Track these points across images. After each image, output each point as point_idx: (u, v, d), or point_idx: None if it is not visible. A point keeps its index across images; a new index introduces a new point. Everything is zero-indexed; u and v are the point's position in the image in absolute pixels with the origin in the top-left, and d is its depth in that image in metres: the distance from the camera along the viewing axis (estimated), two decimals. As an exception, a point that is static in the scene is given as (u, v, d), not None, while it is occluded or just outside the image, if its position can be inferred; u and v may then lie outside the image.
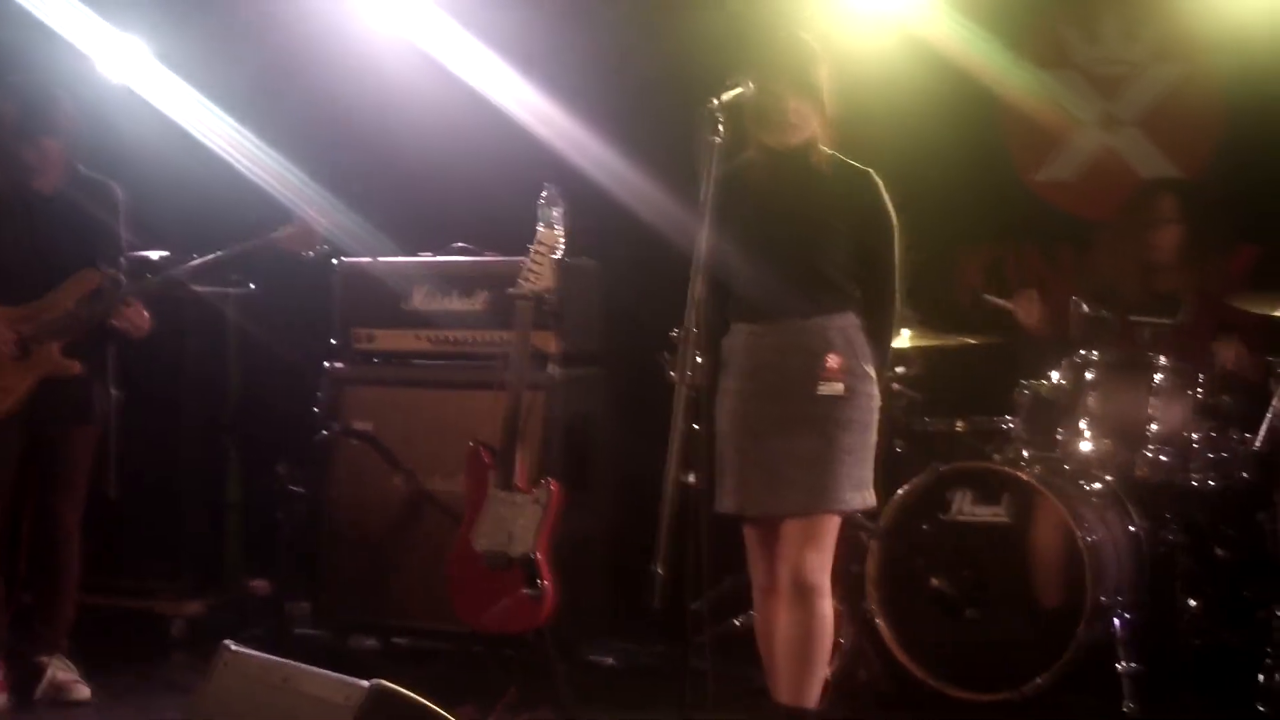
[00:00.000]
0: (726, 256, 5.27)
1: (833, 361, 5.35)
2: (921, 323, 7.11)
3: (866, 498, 5.48)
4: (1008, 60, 7.94)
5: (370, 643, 7.38)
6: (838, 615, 6.59)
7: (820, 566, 5.41)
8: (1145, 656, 6.47)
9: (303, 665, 4.63)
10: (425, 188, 8.09)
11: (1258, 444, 6.67)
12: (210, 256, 6.73)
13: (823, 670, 5.47)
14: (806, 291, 5.39)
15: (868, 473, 5.47)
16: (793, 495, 5.37)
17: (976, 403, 7.27)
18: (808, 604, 5.39)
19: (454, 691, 6.02)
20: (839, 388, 5.35)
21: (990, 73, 7.91)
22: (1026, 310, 7.22)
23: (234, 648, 4.72)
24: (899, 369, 7.05)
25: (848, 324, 5.43)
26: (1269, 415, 6.61)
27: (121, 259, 6.69)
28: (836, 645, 6.54)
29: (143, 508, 7.54)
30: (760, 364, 5.42)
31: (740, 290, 5.43)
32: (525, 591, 6.26)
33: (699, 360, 4.87)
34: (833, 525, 5.44)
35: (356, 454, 7.25)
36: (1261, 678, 6.33)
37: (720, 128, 5.11)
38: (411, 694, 4.31)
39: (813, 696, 5.44)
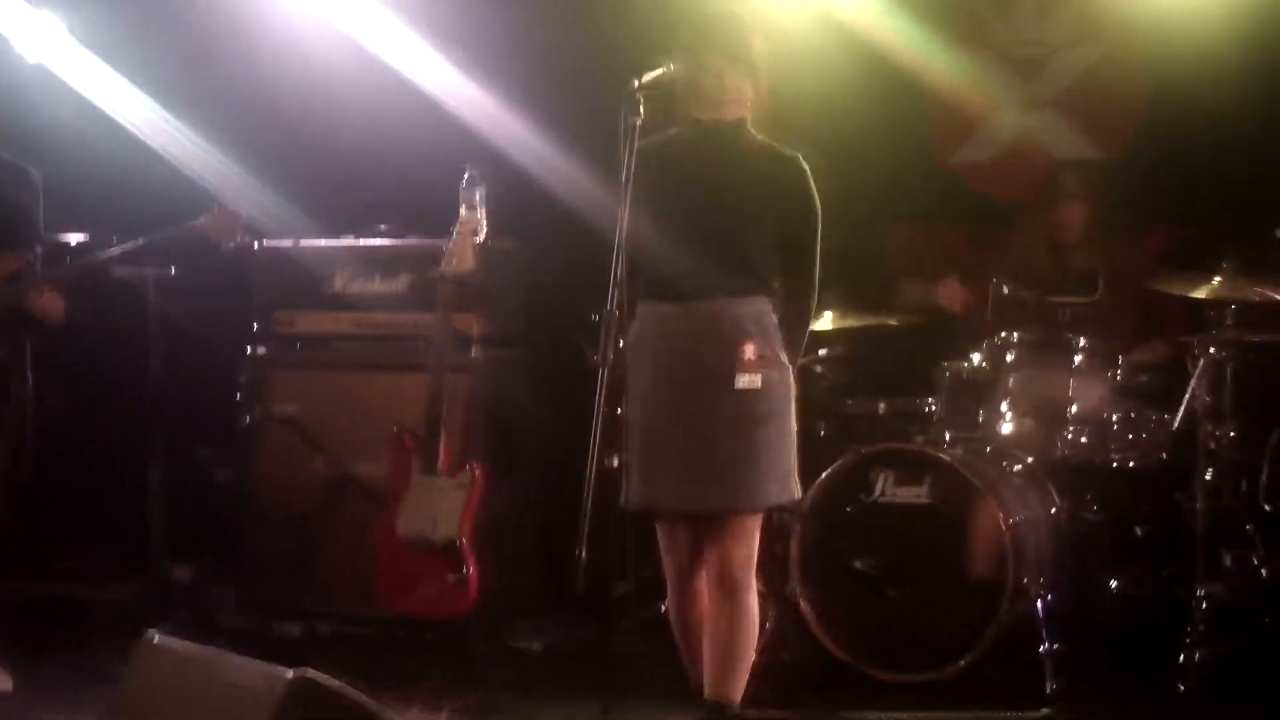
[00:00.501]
0: (643, 232, 5.12)
1: (749, 352, 5.21)
2: (843, 304, 7.14)
3: (791, 489, 5.41)
4: (927, 41, 7.95)
5: (294, 628, 7.34)
6: (761, 598, 6.65)
7: (746, 562, 5.34)
8: (1067, 635, 6.52)
9: (225, 653, 4.60)
10: (347, 170, 8.03)
11: (1176, 423, 6.75)
12: (129, 244, 6.67)
13: (749, 664, 5.41)
14: (724, 272, 5.26)
15: (790, 463, 5.39)
16: (716, 493, 5.26)
17: (899, 384, 7.31)
18: (735, 599, 5.33)
19: (379, 677, 6.04)
20: (757, 380, 5.23)
21: (909, 54, 7.93)
22: (949, 298, 7.26)
23: (156, 636, 4.69)
24: (821, 351, 7.08)
25: (762, 309, 5.30)
26: (1187, 395, 6.69)
27: (38, 244, 6.62)
28: (761, 628, 6.58)
29: (65, 493, 7.49)
30: (675, 350, 5.26)
31: (655, 267, 5.22)
32: (450, 576, 6.26)
33: (621, 343, 4.85)
34: (757, 520, 5.38)
35: (279, 438, 7.22)
36: (1182, 656, 6.39)
37: (641, 109, 5.10)
38: (335, 681, 4.29)
39: (739, 691, 5.37)
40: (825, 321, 7.08)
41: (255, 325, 7.40)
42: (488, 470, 6.41)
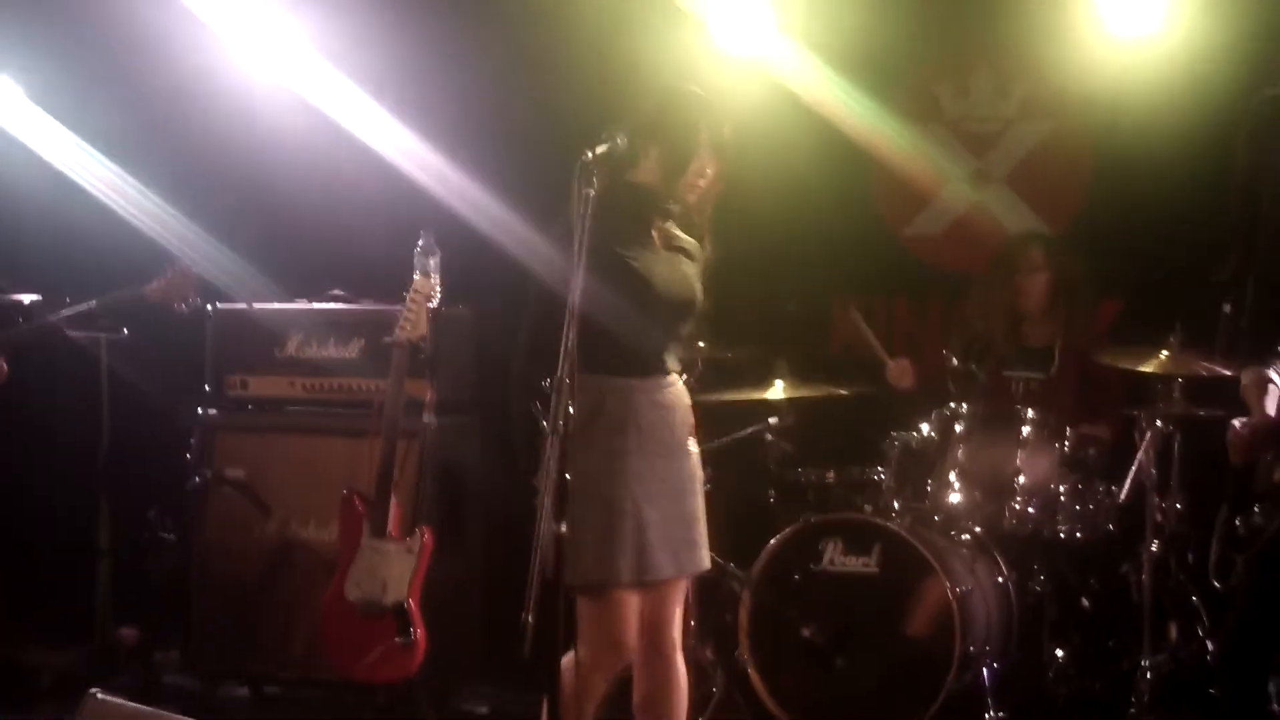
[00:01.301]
0: (606, 307, 5.09)
1: (691, 418, 5.34)
2: (793, 374, 7.17)
3: None
4: (880, 116, 8.03)
5: (241, 691, 7.31)
6: (710, 666, 6.68)
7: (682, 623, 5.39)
8: (1013, 705, 6.55)
9: (168, 714, 4.59)
10: (301, 234, 8.05)
11: (1122, 496, 6.80)
12: (82, 305, 6.68)
13: None
14: (675, 351, 5.36)
15: None
16: (690, 555, 5.26)
17: (848, 454, 7.34)
18: (678, 661, 5.35)
19: None
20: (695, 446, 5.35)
21: (861, 127, 8.00)
22: (899, 377, 7.31)
23: (99, 695, 4.68)
24: (771, 420, 7.12)
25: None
26: (1134, 468, 6.75)
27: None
28: (709, 695, 6.60)
29: (11, 555, 7.44)
30: (651, 421, 5.23)
31: (621, 343, 5.19)
32: (398, 640, 6.25)
33: (571, 410, 4.84)
34: None
35: (228, 501, 7.20)
36: (1126, 727, 6.44)
37: (594, 179, 5.10)
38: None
39: None
40: (775, 391, 7.11)
41: (207, 387, 7.39)
42: (436, 534, 6.41)
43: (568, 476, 4.75)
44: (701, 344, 6.74)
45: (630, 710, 5.49)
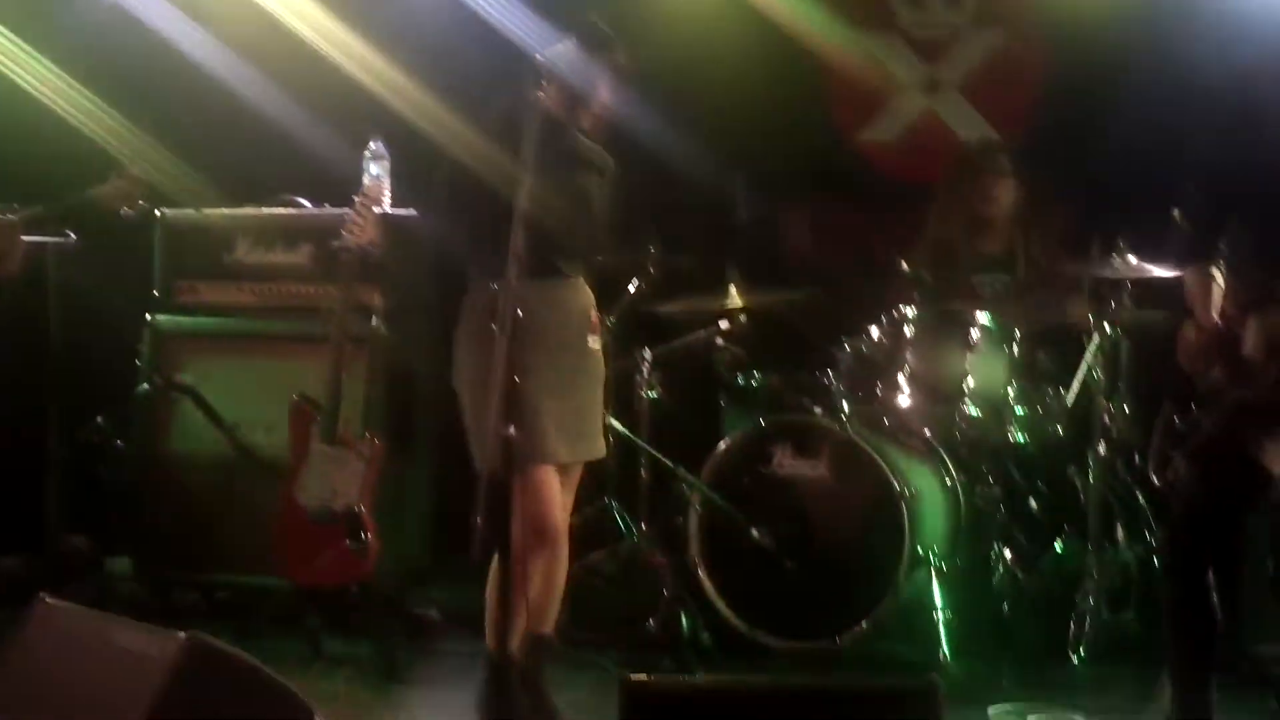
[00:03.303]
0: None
1: (594, 317, 5.64)
2: (745, 279, 7.17)
3: None
4: (832, 20, 8.00)
5: (193, 597, 7.32)
6: (662, 568, 6.71)
7: None
8: (961, 607, 6.61)
9: (119, 618, 4.58)
10: (251, 138, 7.98)
11: (1070, 400, 6.84)
12: (28, 211, 6.62)
13: None
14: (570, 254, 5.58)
15: None
16: (584, 443, 5.64)
17: (799, 358, 7.36)
18: (563, 543, 5.66)
19: (278, 643, 6.19)
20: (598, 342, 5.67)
21: (814, 33, 7.97)
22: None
23: (49, 600, 4.66)
24: (722, 324, 7.13)
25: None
26: (1081, 371, 6.78)
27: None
28: (659, 597, 6.63)
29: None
30: (545, 320, 5.41)
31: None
32: (349, 545, 6.26)
33: (520, 313, 4.85)
34: None
35: (178, 408, 7.18)
36: (1073, 626, 6.48)
37: (544, 83, 5.14)
38: (228, 646, 4.28)
39: None
40: (728, 296, 7.12)
41: (156, 293, 7.35)
42: (387, 440, 6.41)
43: (515, 379, 4.81)
44: (652, 250, 6.82)
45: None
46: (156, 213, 7.24)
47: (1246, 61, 4.85)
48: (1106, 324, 6.68)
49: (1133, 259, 6.59)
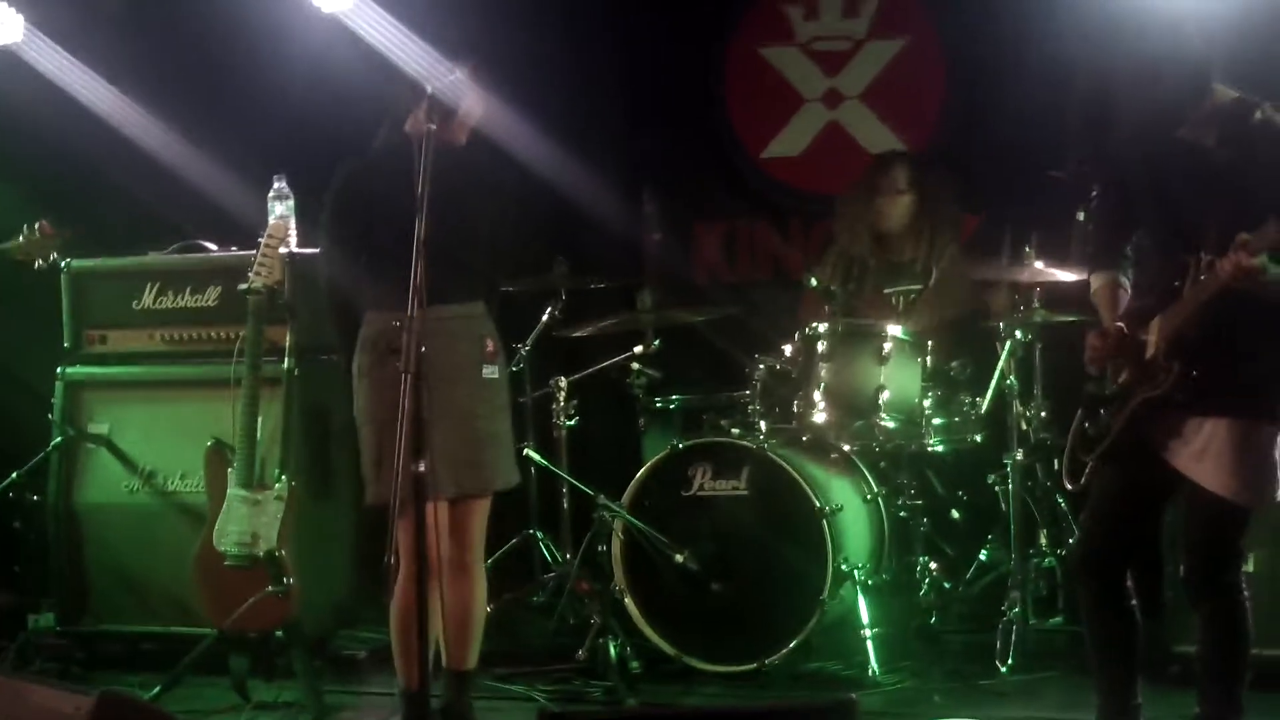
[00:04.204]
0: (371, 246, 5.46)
1: (491, 345, 5.56)
2: (659, 301, 7.18)
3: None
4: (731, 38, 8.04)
5: (118, 648, 7.24)
6: (588, 595, 6.71)
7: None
8: (889, 620, 6.61)
9: (33, 678, 4.55)
10: (151, 185, 7.92)
11: (985, 407, 6.87)
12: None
13: None
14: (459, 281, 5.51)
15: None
16: (471, 475, 5.53)
17: (716, 378, 7.37)
18: (477, 573, 5.63)
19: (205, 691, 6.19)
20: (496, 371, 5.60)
21: (715, 51, 8.01)
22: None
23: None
24: (637, 348, 7.13)
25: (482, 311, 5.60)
26: (995, 377, 6.81)
27: None
28: (588, 625, 6.62)
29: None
30: (432, 348, 5.18)
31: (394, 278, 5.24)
32: (270, 589, 6.21)
33: (423, 349, 4.83)
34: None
35: (94, 458, 7.12)
36: (1000, 634, 6.50)
37: (423, 106, 5.21)
38: (142, 700, 4.26)
39: None
40: (643, 318, 7.12)
41: (66, 344, 7.29)
42: (305, 480, 6.37)
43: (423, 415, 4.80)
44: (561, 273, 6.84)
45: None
46: (63, 264, 7.16)
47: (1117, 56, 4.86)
48: (1019, 329, 6.72)
49: (1040, 264, 6.63)
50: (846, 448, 6.89)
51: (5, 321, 7.60)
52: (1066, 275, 6.53)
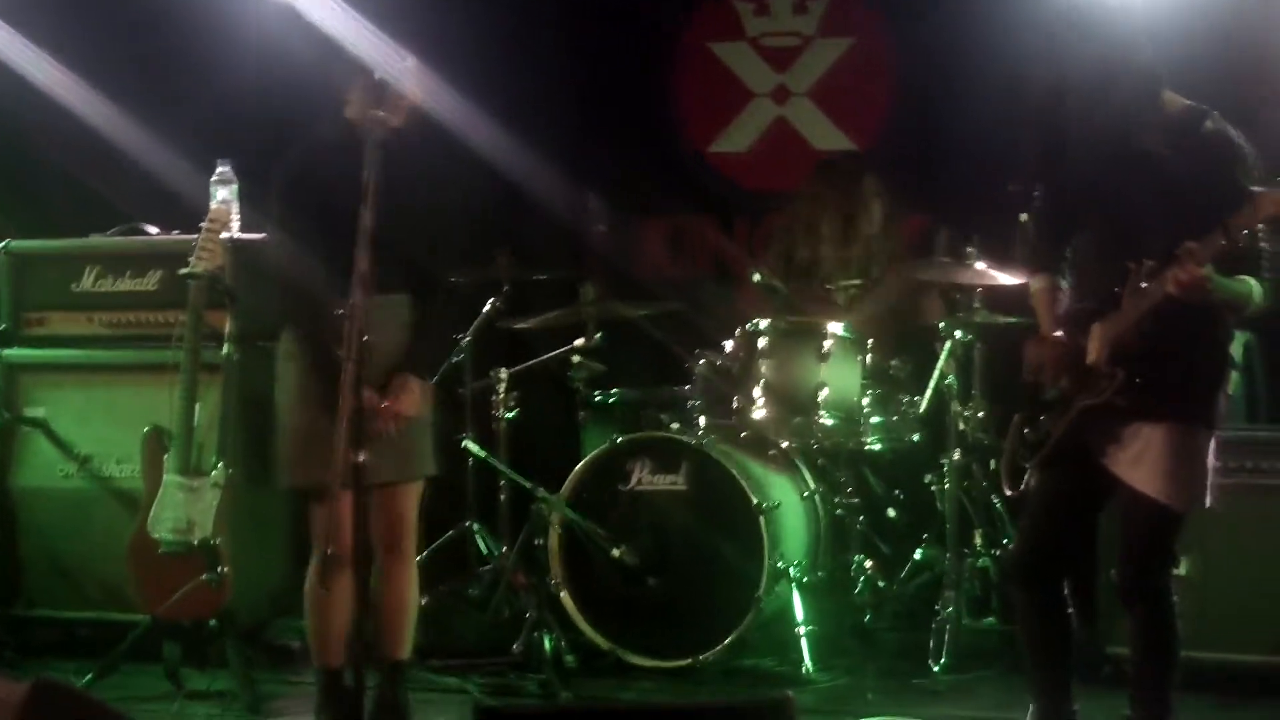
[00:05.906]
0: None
1: None
2: (602, 294, 7.17)
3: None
4: (681, 33, 8.04)
5: (53, 635, 7.18)
6: (524, 589, 6.70)
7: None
8: (824, 618, 6.63)
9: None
10: (93, 168, 7.87)
11: (924, 407, 6.90)
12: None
13: None
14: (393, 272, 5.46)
15: None
16: (406, 462, 5.56)
17: (657, 373, 7.37)
18: (410, 561, 5.65)
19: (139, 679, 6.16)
20: None
21: (664, 45, 8.01)
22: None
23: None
24: (578, 342, 7.12)
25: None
26: (934, 377, 6.84)
27: None
28: (523, 618, 6.61)
29: None
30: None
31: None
32: (205, 577, 6.18)
33: (365, 338, 4.81)
34: None
35: (31, 442, 7.07)
36: (934, 634, 6.52)
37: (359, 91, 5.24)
38: (76, 688, 4.23)
39: None
40: (585, 312, 7.12)
41: (4, 326, 7.23)
42: (242, 468, 6.34)
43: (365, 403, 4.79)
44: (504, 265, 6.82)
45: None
46: (1, 244, 7.10)
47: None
48: (958, 329, 6.75)
49: (981, 265, 6.66)
50: (785, 445, 6.90)
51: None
52: (1008, 278, 6.56)
